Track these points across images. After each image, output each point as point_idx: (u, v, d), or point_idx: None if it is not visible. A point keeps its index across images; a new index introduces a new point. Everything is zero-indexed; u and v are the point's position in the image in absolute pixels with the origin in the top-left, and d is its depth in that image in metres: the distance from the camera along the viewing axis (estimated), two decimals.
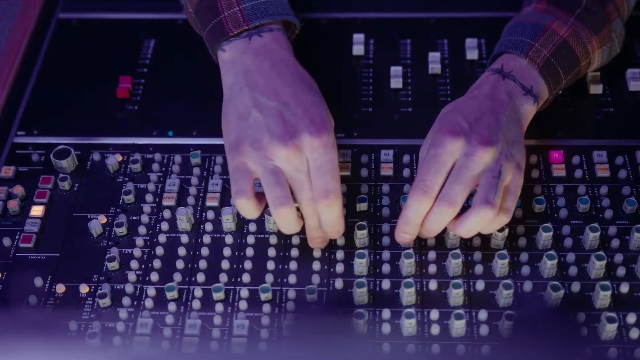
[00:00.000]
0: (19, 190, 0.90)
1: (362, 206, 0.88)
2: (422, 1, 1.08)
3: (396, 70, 1.00)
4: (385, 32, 1.05)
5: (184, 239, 0.86)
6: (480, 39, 1.03)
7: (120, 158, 0.93)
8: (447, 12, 1.07)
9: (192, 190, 0.90)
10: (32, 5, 1.09)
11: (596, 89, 0.97)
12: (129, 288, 0.83)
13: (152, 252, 0.85)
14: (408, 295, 0.81)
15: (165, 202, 0.89)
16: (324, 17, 1.07)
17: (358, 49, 1.03)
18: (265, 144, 0.80)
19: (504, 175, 0.81)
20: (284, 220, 0.81)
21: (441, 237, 0.85)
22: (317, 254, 0.85)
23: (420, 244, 0.85)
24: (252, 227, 0.87)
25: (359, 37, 1.04)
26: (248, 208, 0.81)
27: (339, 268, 0.84)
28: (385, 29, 1.05)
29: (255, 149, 0.80)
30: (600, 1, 0.91)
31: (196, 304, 0.81)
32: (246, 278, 0.83)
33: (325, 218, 0.81)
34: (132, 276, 0.84)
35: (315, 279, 0.83)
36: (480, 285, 0.82)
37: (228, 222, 0.86)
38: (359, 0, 1.08)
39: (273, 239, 0.86)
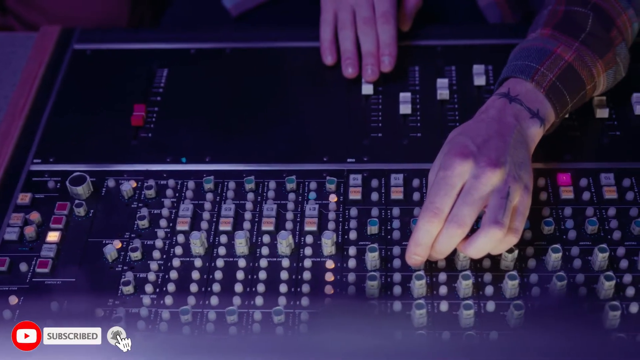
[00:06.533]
0: (35, 216, 0.91)
1: (373, 229, 0.89)
2: (430, 29, 1.11)
3: (405, 96, 1.02)
4: None
5: (198, 263, 0.87)
6: (487, 65, 1.05)
7: (134, 184, 0.94)
8: (454, 40, 1.09)
9: (206, 215, 0.91)
10: (48, 36, 1.11)
11: (602, 113, 0.98)
12: (144, 312, 0.84)
13: (167, 276, 0.87)
14: (419, 316, 0.82)
15: (179, 227, 0.90)
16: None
17: None
18: None
19: (512, 196, 0.82)
20: None
21: (451, 258, 0.86)
22: (329, 277, 0.86)
23: (430, 265, 0.86)
24: (265, 250, 0.88)
25: None
26: None
27: (351, 290, 0.85)
28: None
29: None
30: (604, 26, 0.93)
31: (210, 327, 0.82)
32: (259, 301, 0.84)
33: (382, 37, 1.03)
34: (146, 300, 0.85)
35: (328, 301, 0.84)
36: (490, 306, 0.83)
37: (241, 246, 0.88)
38: None
39: (285, 262, 0.87)
